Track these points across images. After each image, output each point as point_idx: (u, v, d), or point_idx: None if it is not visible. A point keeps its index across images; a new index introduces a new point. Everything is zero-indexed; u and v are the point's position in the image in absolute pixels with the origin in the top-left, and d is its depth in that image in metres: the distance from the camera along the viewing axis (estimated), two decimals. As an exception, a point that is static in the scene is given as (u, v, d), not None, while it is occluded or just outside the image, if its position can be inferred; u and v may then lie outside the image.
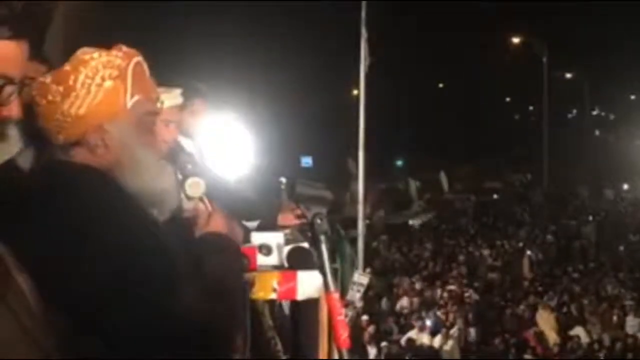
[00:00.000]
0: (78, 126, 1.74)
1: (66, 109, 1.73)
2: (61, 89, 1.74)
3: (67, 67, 1.77)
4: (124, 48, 1.81)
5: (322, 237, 1.91)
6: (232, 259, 1.88)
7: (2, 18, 1.39)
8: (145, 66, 1.83)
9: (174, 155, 2.08)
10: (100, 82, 1.73)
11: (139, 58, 1.82)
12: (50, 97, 1.74)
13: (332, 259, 1.98)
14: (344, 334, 1.80)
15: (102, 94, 1.73)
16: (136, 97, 1.77)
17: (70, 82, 1.74)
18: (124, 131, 1.76)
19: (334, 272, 1.96)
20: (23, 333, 1.36)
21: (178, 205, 1.90)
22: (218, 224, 1.93)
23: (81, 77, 1.74)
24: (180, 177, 2.02)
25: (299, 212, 2.07)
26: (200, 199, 2.01)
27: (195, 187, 2.01)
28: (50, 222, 1.63)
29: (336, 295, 1.87)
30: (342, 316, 1.82)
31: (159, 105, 2.52)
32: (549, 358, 13.93)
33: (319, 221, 1.92)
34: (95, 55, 1.77)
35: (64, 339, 1.49)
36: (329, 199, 2.04)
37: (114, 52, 1.79)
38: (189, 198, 1.99)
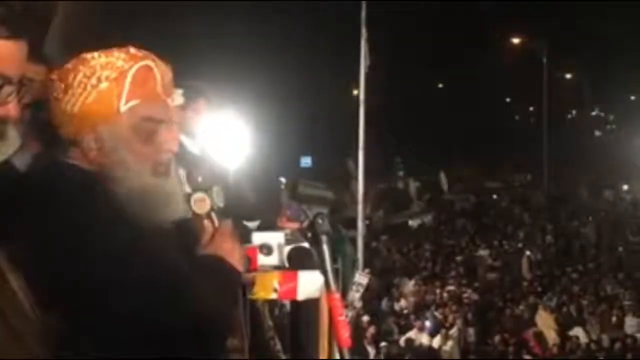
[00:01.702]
0: (73, 125, 1.74)
1: (63, 106, 1.73)
2: (62, 86, 1.74)
3: (69, 64, 1.76)
4: (132, 50, 1.78)
5: (324, 237, 1.90)
6: (226, 288, 1.81)
7: (1, 18, 1.38)
8: (156, 71, 1.78)
9: (185, 165, 2.01)
10: (96, 82, 1.72)
11: (147, 62, 1.77)
12: (54, 94, 1.75)
13: (334, 259, 1.97)
14: (345, 333, 1.80)
15: (95, 95, 1.72)
16: (134, 102, 1.73)
17: (70, 80, 1.73)
18: (115, 135, 1.73)
19: (335, 272, 1.95)
20: (12, 336, 1.35)
21: (179, 216, 1.81)
22: (220, 247, 1.85)
23: (79, 76, 1.73)
24: (189, 190, 1.95)
25: (289, 215, 2.05)
26: (208, 216, 1.95)
27: (200, 203, 1.94)
28: (38, 220, 1.63)
29: (337, 295, 1.87)
30: (343, 316, 1.82)
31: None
32: (548, 358, 13.93)
33: (320, 221, 1.92)
34: (96, 55, 1.76)
35: (56, 342, 1.49)
36: (330, 199, 2.03)
37: (116, 53, 1.77)
38: (194, 214, 1.93)
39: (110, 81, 1.73)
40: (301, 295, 2.21)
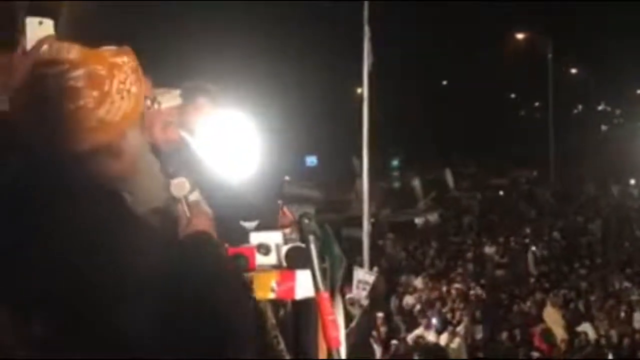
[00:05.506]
0: (109, 133, 1.69)
1: (102, 115, 1.66)
2: (95, 94, 1.66)
3: (101, 71, 1.69)
4: (125, 47, 1.78)
5: (311, 237, 1.90)
6: (216, 260, 1.79)
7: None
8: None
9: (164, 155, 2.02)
10: (129, 87, 1.70)
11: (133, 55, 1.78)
12: (82, 102, 1.65)
13: (322, 259, 1.98)
14: (334, 333, 1.80)
15: (133, 100, 1.70)
16: (147, 100, 1.78)
17: (106, 88, 1.68)
18: (137, 135, 1.75)
19: (323, 271, 1.96)
20: None
21: (165, 204, 1.84)
22: (199, 225, 1.84)
23: (115, 83, 1.69)
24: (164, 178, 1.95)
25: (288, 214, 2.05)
26: (185, 200, 1.94)
27: (180, 187, 1.94)
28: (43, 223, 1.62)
29: (326, 295, 1.87)
30: (333, 316, 1.82)
31: (155, 106, 2.51)
32: (556, 355, 13.89)
33: (306, 221, 1.92)
34: (125, 59, 1.74)
35: (33, 347, 1.48)
36: (316, 198, 2.02)
37: (125, 55, 1.75)
38: (174, 199, 1.93)
39: (135, 83, 1.72)
40: (299, 295, 2.22)
